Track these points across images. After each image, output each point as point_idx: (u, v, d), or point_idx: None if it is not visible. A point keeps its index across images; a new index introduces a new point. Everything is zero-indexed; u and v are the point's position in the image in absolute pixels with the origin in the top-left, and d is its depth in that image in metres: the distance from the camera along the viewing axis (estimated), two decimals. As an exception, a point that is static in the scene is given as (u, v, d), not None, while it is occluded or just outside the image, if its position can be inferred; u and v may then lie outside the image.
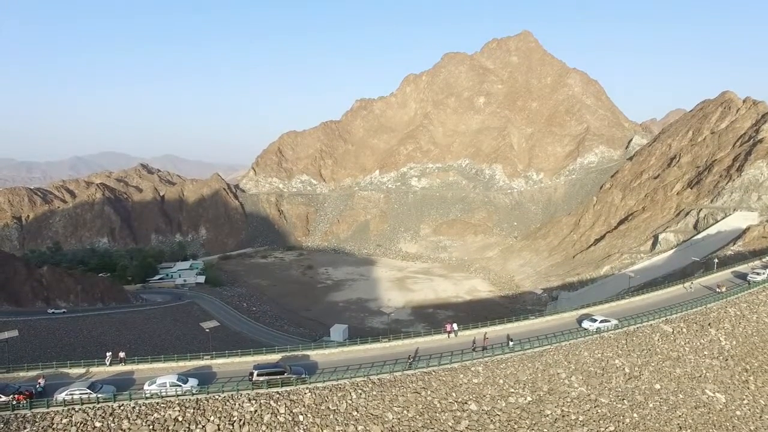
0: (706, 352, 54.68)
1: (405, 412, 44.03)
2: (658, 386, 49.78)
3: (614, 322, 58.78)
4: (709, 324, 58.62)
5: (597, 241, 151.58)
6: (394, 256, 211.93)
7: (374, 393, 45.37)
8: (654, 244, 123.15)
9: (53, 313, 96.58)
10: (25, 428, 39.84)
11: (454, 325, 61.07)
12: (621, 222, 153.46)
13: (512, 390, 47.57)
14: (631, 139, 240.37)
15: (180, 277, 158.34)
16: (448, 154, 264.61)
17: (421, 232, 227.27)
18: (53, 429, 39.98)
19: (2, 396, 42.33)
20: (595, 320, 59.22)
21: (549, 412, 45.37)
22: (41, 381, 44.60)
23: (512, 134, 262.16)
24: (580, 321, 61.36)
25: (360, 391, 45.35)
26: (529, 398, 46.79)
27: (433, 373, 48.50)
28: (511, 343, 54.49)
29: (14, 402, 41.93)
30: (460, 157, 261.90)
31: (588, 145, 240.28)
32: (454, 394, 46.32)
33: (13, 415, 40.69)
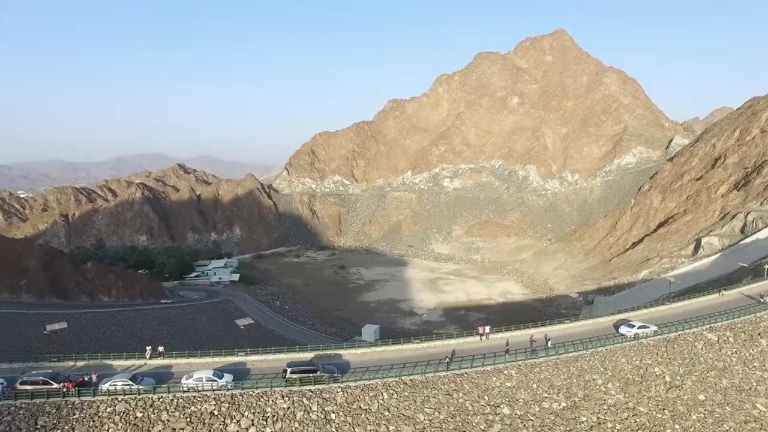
0: (756, 364, 52.07)
1: (436, 413, 43.88)
2: (702, 397, 47.91)
3: (653, 328, 56.95)
4: (759, 334, 55.95)
5: (635, 244, 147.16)
6: (426, 257, 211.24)
7: (406, 394, 45.40)
8: (696, 249, 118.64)
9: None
10: (74, 414, 41.84)
11: (487, 328, 60.54)
12: (660, 225, 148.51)
13: (546, 395, 46.75)
14: (672, 139, 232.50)
15: (215, 275, 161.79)
16: (480, 154, 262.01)
17: (453, 234, 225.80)
18: (99, 417, 41.78)
19: (53, 383, 44.70)
20: (633, 326, 57.52)
21: (584, 419, 44.38)
22: (94, 376, 46.62)
23: (546, 135, 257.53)
24: (617, 326, 59.77)
25: (392, 392, 45.46)
26: (563, 404, 45.89)
27: (466, 375, 48.17)
28: (549, 343, 53.64)
29: (64, 389, 44.19)
30: (493, 158, 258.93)
31: (625, 146, 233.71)
32: (486, 397, 45.89)
33: (63, 402, 42.83)
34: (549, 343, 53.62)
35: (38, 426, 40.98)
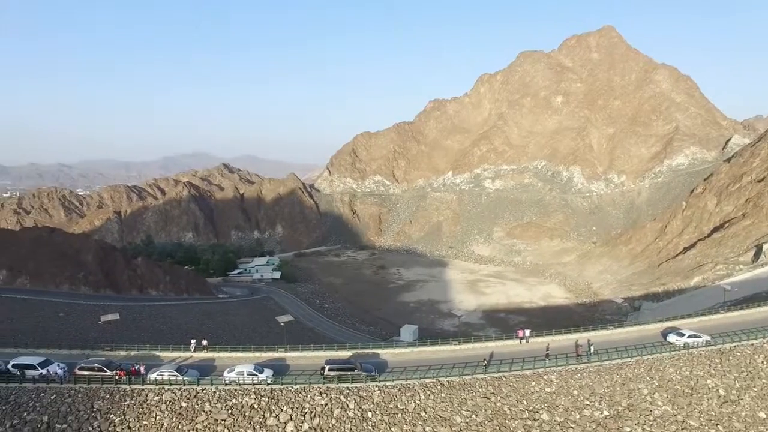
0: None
1: (473, 416, 43.61)
2: (762, 415, 45.30)
3: (705, 338, 54.37)
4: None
5: (686, 249, 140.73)
6: (466, 258, 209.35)
7: (443, 395, 45.33)
8: (757, 255, 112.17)
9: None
10: (125, 401, 44.21)
11: (527, 331, 59.61)
12: (715, 229, 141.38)
13: (587, 402, 45.61)
14: (730, 139, 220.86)
15: (257, 272, 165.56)
16: (523, 155, 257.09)
17: (494, 235, 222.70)
18: (147, 404, 43.94)
19: (107, 370, 47.51)
20: (683, 334, 55.16)
21: (629, 429, 43.02)
22: (142, 367, 49.06)
23: (592, 135, 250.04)
24: (665, 334, 57.55)
25: (429, 392, 45.50)
26: (606, 412, 44.63)
27: (504, 378, 47.63)
28: (592, 348, 52.24)
29: (117, 377, 46.86)
30: (536, 159, 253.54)
31: (677, 146, 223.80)
32: (525, 402, 45.22)
33: (116, 388, 45.35)
34: (592, 348, 52.23)
35: (94, 409, 43.49)
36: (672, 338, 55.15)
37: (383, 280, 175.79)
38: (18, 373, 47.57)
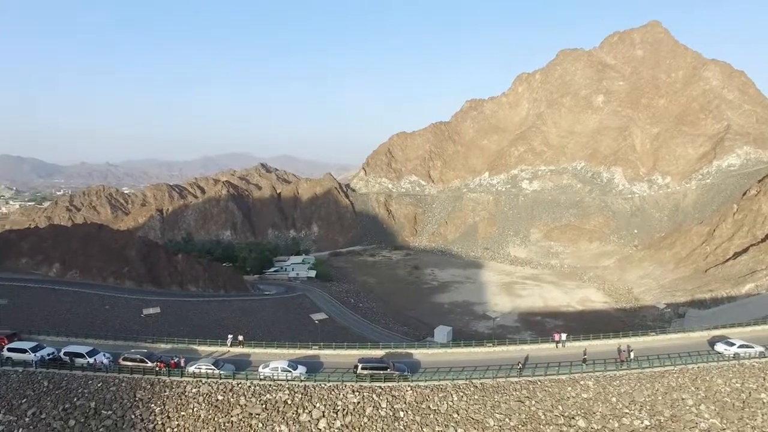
0: None
1: (507, 420, 42.92)
2: (821, 432, 42.75)
3: (759, 348, 51.43)
4: None
5: (737, 254, 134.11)
6: (502, 260, 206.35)
7: (476, 397, 44.81)
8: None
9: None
10: (165, 392, 45.77)
11: (563, 335, 58.21)
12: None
13: (627, 410, 44.11)
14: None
15: (293, 270, 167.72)
16: (562, 156, 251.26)
17: (531, 237, 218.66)
18: (185, 396, 45.30)
19: (148, 362, 49.45)
20: (733, 344, 52.46)
21: (672, 441, 41.33)
22: (182, 360, 50.75)
23: (634, 134, 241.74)
24: (712, 343, 54.97)
25: (461, 394, 45.07)
26: (646, 422, 43.05)
27: (539, 382, 46.68)
28: (632, 354, 50.49)
29: (157, 368, 48.66)
30: (575, 160, 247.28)
31: (728, 146, 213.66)
32: (560, 407, 44.16)
33: (156, 379, 47.03)
34: (631, 355, 50.49)
35: (136, 398, 45.23)
36: (721, 348, 52.59)
37: (418, 280, 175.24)
38: (69, 361, 50.22)
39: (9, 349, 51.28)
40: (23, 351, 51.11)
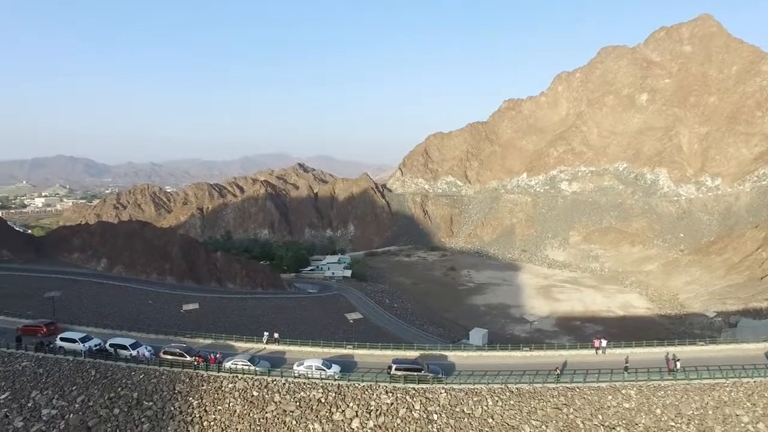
0: None
1: (543, 427, 41.84)
2: None
3: None
4: None
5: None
6: (539, 262, 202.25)
7: (511, 402, 43.88)
8: None
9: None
10: (202, 386, 46.88)
11: (603, 341, 56.24)
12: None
13: (672, 423, 42.15)
14: None
15: (329, 269, 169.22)
16: (603, 156, 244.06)
17: (570, 240, 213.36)
18: (221, 390, 46.26)
19: (187, 356, 50.87)
20: (796, 358, 49.07)
21: (722, 458, 39.14)
22: (219, 355, 51.99)
23: (681, 134, 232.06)
24: (770, 356, 51.72)
25: (497, 399, 44.23)
26: (694, 436, 40.99)
27: (577, 389, 45.20)
28: (678, 364, 48.08)
29: (195, 363, 49.97)
30: (617, 160, 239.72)
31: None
32: (600, 416, 42.69)
33: (195, 373, 48.23)
34: (678, 365, 48.19)
35: (176, 391, 46.53)
36: (780, 361, 49.43)
37: (453, 281, 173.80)
38: (114, 352, 52.30)
39: (61, 339, 53.99)
40: (73, 341, 53.63)
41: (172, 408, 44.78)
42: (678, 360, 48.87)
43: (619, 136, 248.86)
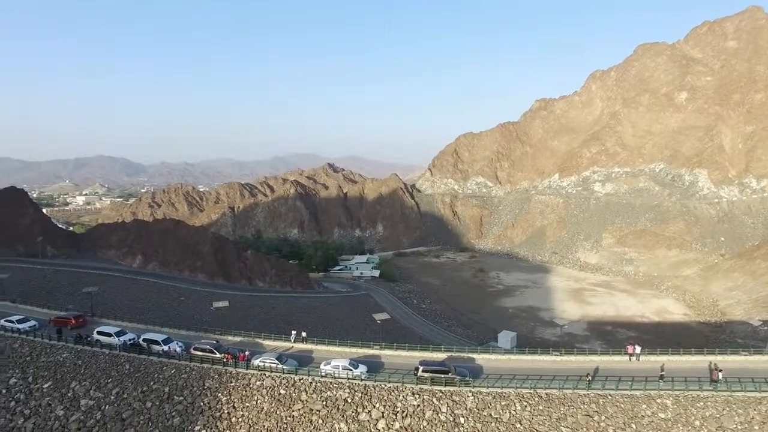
0: None
1: (574, 434, 40.73)
2: None
3: None
4: None
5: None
6: (571, 265, 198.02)
7: (540, 408, 42.92)
8: None
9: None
10: (231, 383, 47.57)
11: (637, 348, 54.43)
12: None
13: (713, 436, 40.33)
14: None
15: (357, 269, 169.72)
16: (638, 157, 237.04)
17: (602, 242, 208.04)
18: (249, 387, 46.81)
19: (217, 353, 51.78)
20: None
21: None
22: (248, 353, 52.75)
23: (723, 134, 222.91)
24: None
25: (525, 404, 43.34)
26: (737, 451, 39.07)
27: (609, 397, 43.86)
28: (720, 375, 45.94)
29: (224, 360, 50.80)
30: (654, 161, 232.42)
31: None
32: (633, 426, 41.33)
33: (223, 370, 49.03)
34: (720, 375, 46.05)
35: (205, 387, 47.35)
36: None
37: (482, 283, 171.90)
38: (147, 347, 53.72)
39: (98, 332, 55.81)
40: (109, 335, 55.35)
41: (202, 403, 45.59)
42: (720, 370, 46.74)
43: (655, 136, 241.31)
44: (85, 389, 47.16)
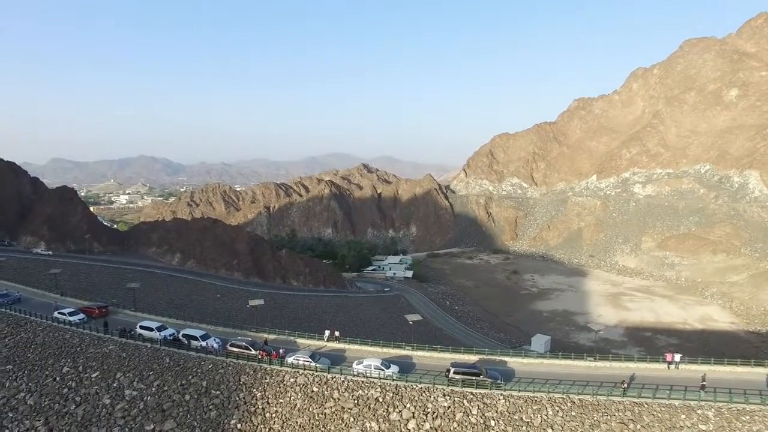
0: None
1: (608, 442, 39.91)
2: None
3: None
4: None
5: None
6: (608, 269, 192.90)
7: (573, 414, 42.25)
8: None
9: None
10: (265, 379, 48.77)
11: (677, 356, 52.67)
12: None
13: (759, 452, 38.70)
14: None
15: (390, 270, 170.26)
16: (682, 158, 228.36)
17: (642, 246, 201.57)
18: (283, 384, 47.86)
19: (252, 350, 53.23)
20: None
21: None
22: (282, 350, 53.99)
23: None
24: None
25: (557, 409, 42.76)
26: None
27: (646, 405, 42.75)
28: None
29: (259, 357, 52.17)
30: (699, 162, 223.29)
31: None
32: (671, 436, 40.08)
33: (258, 366, 50.33)
34: None
35: (241, 382, 48.71)
36: None
37: (516, 285, 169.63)
38: (186, 342, 55.63)
39: (141, 327, 58.24)
40: (150, 329, 57.65)
41: (237, 398, 46.94)
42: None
43: (701, 135, 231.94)
44: (129, 380, 49.33)
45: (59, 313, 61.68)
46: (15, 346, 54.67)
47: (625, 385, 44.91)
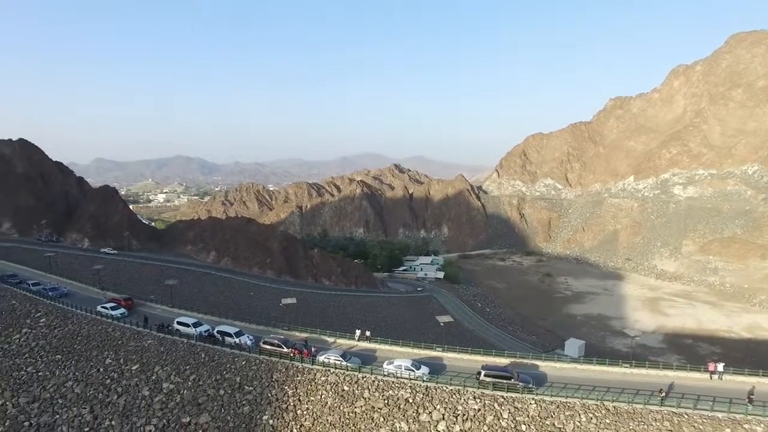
0: None
1: (644, 452, 38.74)
2: None
3: None
4: None
5: None
6: (646, 273, 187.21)
7: (607, 421, 41.22)
8: None
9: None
10: (297, 377, 49.51)
11: (720, 365, 50.45)
12: None
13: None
14: None
15: (421, 270, 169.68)
16: (727, 158, 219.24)
17: (683, 249, 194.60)
18: (315, 383, 48.46)
19: (284, 348, 54.13)
20: None
21: None
22: (313, 349, 54.72)
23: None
24: None
25: (591, 416, 41.80)
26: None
27: (686, 416, 41.24)
28: None
29: (291, 355, 53.00)
30: (746, 162, 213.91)
31: None
32: (714, 449, 38.58)
33: (291, 364, 51.13)
34: None
35: (273, 379, 49.55)
36: None
37: (549, 288, 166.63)
38: (220, 338, 57.00)
39: (178, 323, 60.04)
40: (187, 325, 59.34)
41: (270, 394, 47.77)
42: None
43: (749, 134, 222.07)
44: (167, 374, 50.90)
45: (102, 307, 64.24)
46: (63, 337, 57.32)
47: (663, 394, 43.47)
